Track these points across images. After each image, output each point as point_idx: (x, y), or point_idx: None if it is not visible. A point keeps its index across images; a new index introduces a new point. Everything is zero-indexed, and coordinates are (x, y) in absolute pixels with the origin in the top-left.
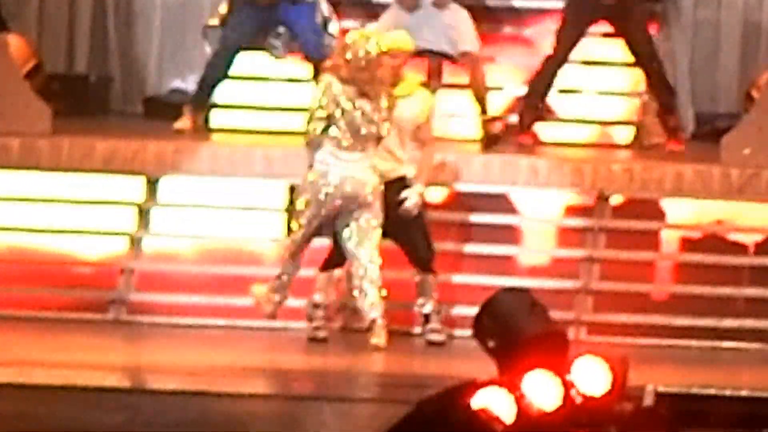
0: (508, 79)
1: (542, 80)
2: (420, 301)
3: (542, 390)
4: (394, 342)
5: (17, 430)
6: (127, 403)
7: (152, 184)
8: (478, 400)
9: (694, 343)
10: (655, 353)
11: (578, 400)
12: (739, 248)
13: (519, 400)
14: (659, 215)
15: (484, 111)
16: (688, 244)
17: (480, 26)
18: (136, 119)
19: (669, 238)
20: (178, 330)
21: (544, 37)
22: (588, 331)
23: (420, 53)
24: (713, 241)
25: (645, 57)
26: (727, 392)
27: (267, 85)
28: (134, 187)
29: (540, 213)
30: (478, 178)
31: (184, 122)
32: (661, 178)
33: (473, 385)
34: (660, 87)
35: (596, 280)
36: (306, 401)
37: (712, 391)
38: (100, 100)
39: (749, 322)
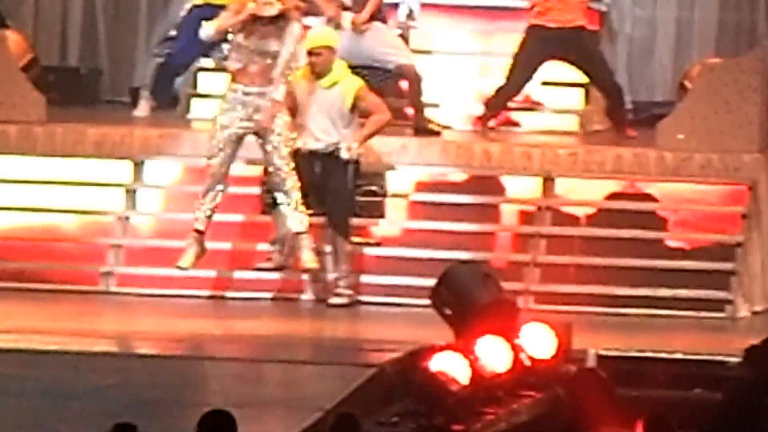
0: None
1: (508, 93)
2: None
3: (494, 354)
4: (355, 310)
5: (18, 391)
6: (116, 367)
7: (138, 167)
8: (436, 363)
9: (632, 311)
10: (596, 320)
11: (527, 362)
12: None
13: (473, 363)
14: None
15: (420, 116)
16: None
17: None
18: (123, 108)
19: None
20: (163, 300)
21: None
22: (535, 300)
23: (357, 67)
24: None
25: (600, 78)
26: (662, 355)
27: None
28: (122, 169)
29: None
30: (438, 162)
31: (141, 110)
32: (602, 161)
33: (431, 350)
34: (613, 95)
35: (543, 254)
36: (281, 364)
37: (648, 354)
38: (90, 91)
39: (682, 292)
